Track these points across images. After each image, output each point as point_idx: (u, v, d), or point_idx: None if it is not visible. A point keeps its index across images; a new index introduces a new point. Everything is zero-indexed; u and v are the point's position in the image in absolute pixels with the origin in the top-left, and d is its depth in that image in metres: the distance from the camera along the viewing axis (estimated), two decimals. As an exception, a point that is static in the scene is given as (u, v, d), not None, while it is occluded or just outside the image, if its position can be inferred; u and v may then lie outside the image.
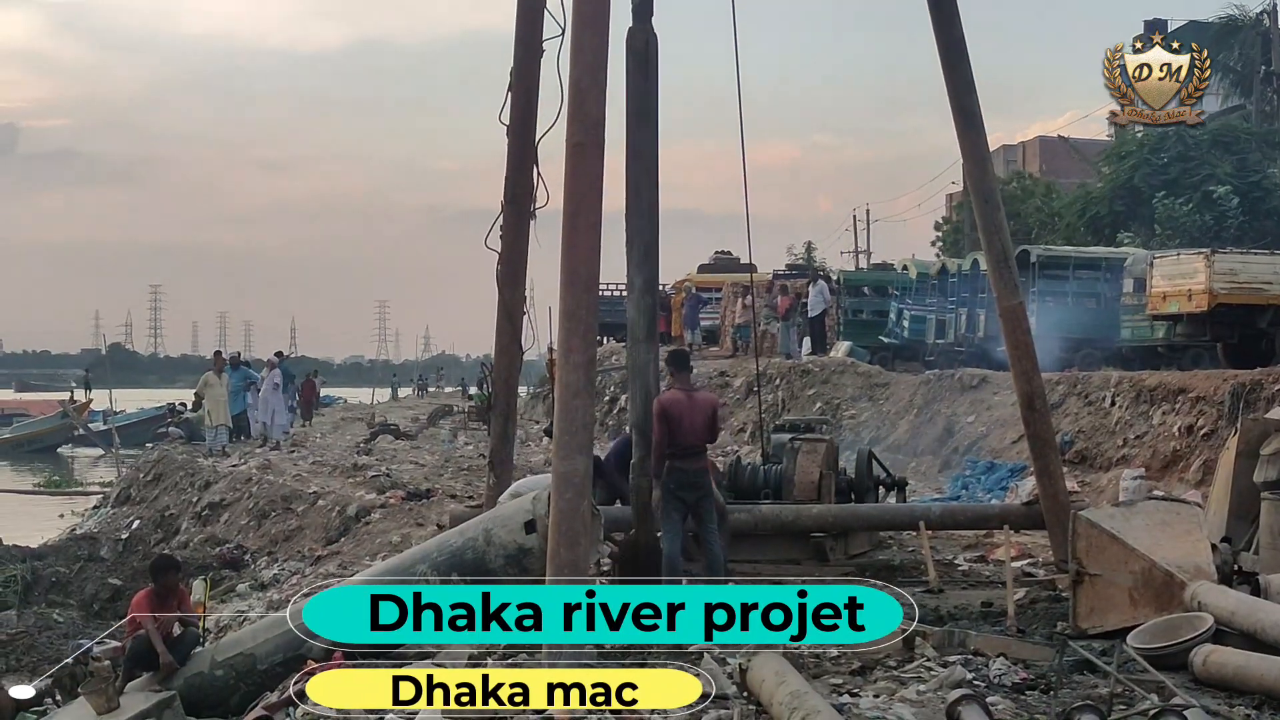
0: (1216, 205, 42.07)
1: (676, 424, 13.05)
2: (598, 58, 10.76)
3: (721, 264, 54.84)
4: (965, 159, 14.94)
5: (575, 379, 10.45)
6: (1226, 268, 27.03)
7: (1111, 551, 11.69)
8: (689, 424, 13.15)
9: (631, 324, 13.13)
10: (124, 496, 33.49)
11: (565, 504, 10.29)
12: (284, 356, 40.60)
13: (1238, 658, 9.73)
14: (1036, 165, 70.59)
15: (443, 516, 18.15)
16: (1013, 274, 14.54)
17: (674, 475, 13.04)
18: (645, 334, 13.14)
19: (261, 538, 24.75)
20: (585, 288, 10.57)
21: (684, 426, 13.10)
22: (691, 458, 13.20)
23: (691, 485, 13.19)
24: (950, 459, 26.04)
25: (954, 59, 14.20)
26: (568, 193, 10.59)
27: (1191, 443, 20.69)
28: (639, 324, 13.05)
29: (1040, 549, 16.46)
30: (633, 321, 13.10)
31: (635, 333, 13.16)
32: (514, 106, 13.94)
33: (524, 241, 14.17)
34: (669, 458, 12.99)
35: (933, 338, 37.10)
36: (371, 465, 29.16)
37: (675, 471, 13.03)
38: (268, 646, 12.47)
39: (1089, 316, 32.86)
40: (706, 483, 13.51)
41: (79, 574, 23.45)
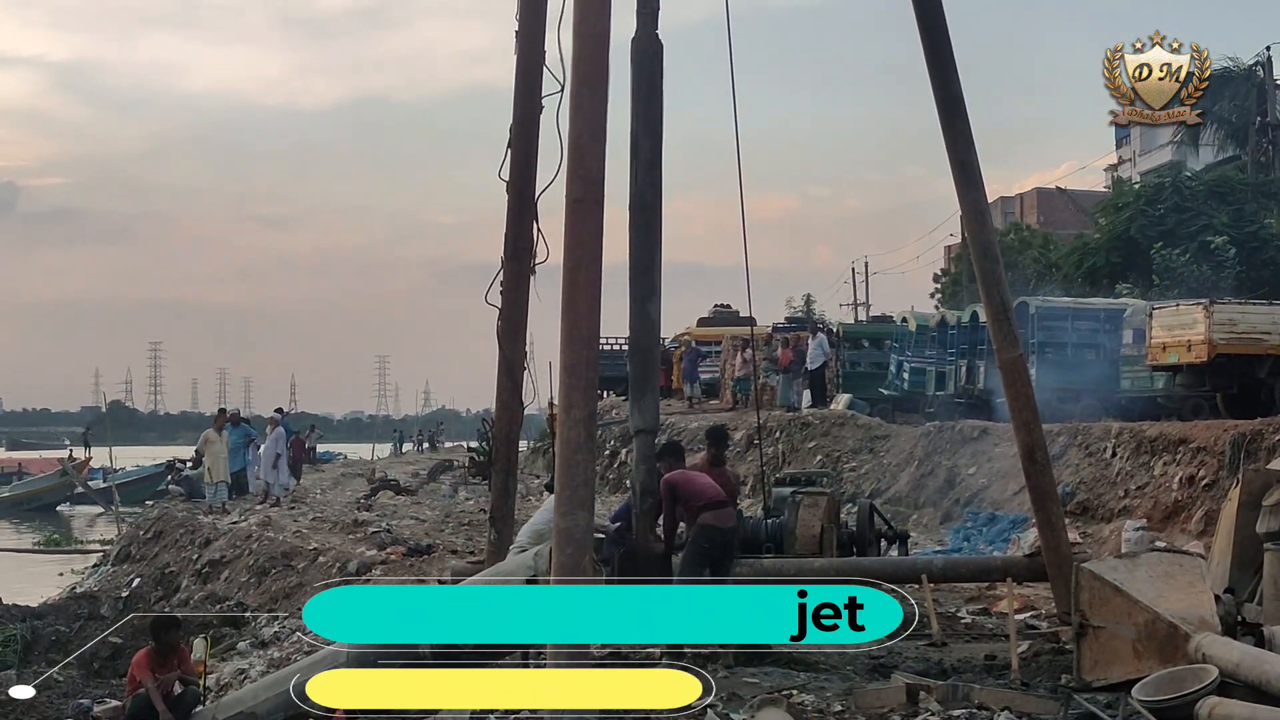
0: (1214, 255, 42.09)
1: (691, 482, 13.27)
2: (597, 114, 10.80)
3: (721, 317, 54.85)
4: (964, 213, 14.97)
5: (576, 434, 10.44)
6: (1225, 318, 27.03)
7: (1115, 603, 11.67)
8: (703, 481, 13.43)
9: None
10: (124, 554, 33.37)
11: (566, 559, 10.26)
12: (284, 413, 40.55)
13: (1243, 710, 9.70)
14: (1034, 216, 70.75)
15: (444, 572, 18.11)
16: (1012, 326, 14.54)
17: (706, 533, 13.28)
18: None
19: (262, 595, 24.66)
20: (585, 343, 10.58)
21: (700, 483, 13.33)
22: (720, 509, 13.40)
23: (724, 545, 13.50)
24: (952, 511, 26.01)
25: (952, 114, 14.24)
26: (567, 248, 10.61)
27: (1193, 493, 20.67)
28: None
29: (1043, 601, 16.42)
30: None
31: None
32: (513, 162, 13.99)
33: (524, 297, 14.20)
34: (702, 510, 13.15)
35: (933, 390, 37.10)
36: (372, 521, 29.11)
37: (709, 530, 13.21)
38: (268, 705, 12.43)
39: (1088, 368, 32.86)
40: (735, 543, 13.78)
41: (79, 633, 23.34)
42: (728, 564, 13.60)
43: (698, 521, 13.37)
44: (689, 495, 13.58)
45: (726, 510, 13.79)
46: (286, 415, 41.87)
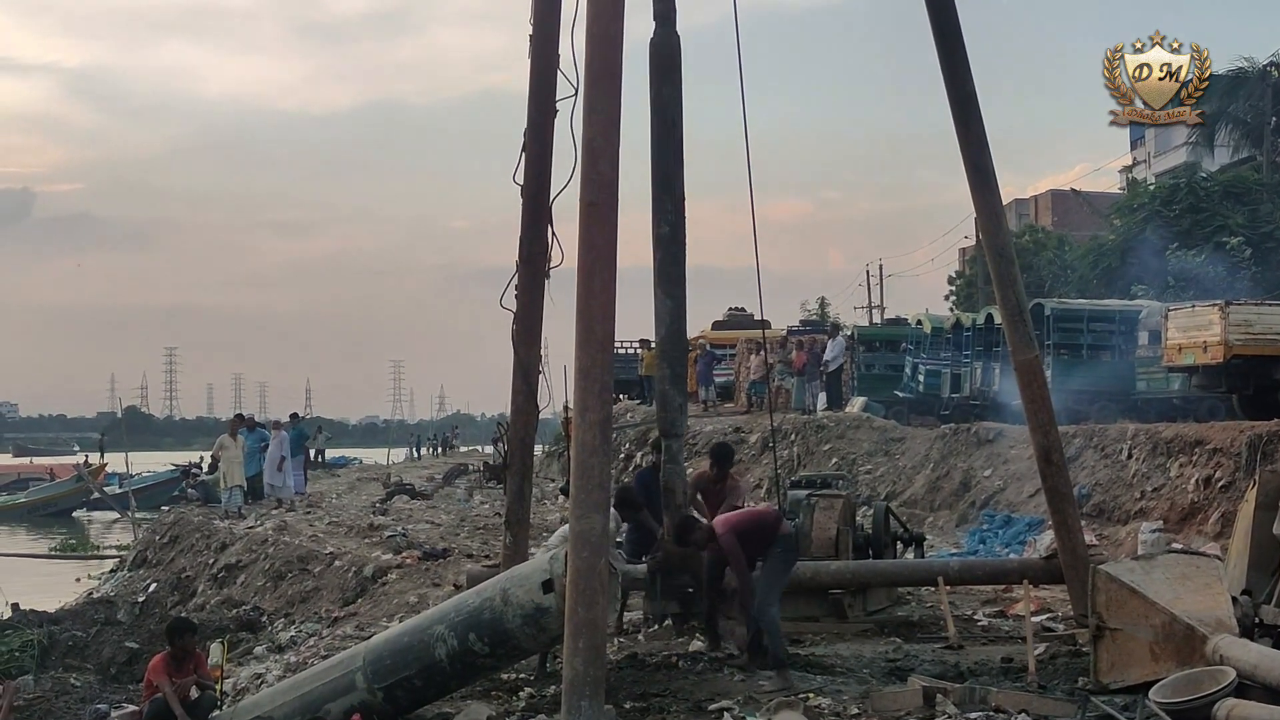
0: (1229, 256, 42.06)
1: (751, 518, 13.28)
2: (610, 117, 10.82)
3: (735, 320, 54.92)
4: (979, 215, 14.96)
5: (591, 437, 10.45)
6: (1241, 319, 26.97)
7: (1132, 605, 11.64)
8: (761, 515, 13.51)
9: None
10: (140, 559, 33.45)
11: (583, 563, 10.28)
12: (299, 418, 40.64)
13: (1262, 712, 9.66)
14: (1049, 218, 70.73)
15: (460, 576, 18.11)
16: (1028, 327, 14.51)
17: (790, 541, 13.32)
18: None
19: (278, 599, 24.68)
20: (600, 346, 10.60)
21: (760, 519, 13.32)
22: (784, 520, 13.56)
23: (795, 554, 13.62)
24: (967, 513, 25.97)
25: (966, 116, 14.23)
26: (582, 252, 10.63)
27: (1209, 495, 20.61)
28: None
29: (1060, 603, 16.38)
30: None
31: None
32: (528, 166, 14.00)
33: (539, 300, 14.20)
34: (774, 527, 13.15)
35: (948, 392, 37.08)
36: (387, 525, 29.11)
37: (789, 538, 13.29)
38: (286, 709, 12.43)
39: (1104, 369, 32.81)
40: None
41: (96, 637, 23.38)
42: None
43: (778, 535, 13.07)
44: (754, 529, 13.11)
45: (784, 521, 13.71)
46: (301, 420, 41.98)
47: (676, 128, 13.83)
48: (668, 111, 13.76)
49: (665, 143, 13.81)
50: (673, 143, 13.83)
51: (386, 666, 12.05)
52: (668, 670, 13.28)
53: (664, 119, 13.76)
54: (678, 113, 13.85)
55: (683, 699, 11.87)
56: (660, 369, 14.49)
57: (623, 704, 11.54)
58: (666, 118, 13.75)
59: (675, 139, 13.85)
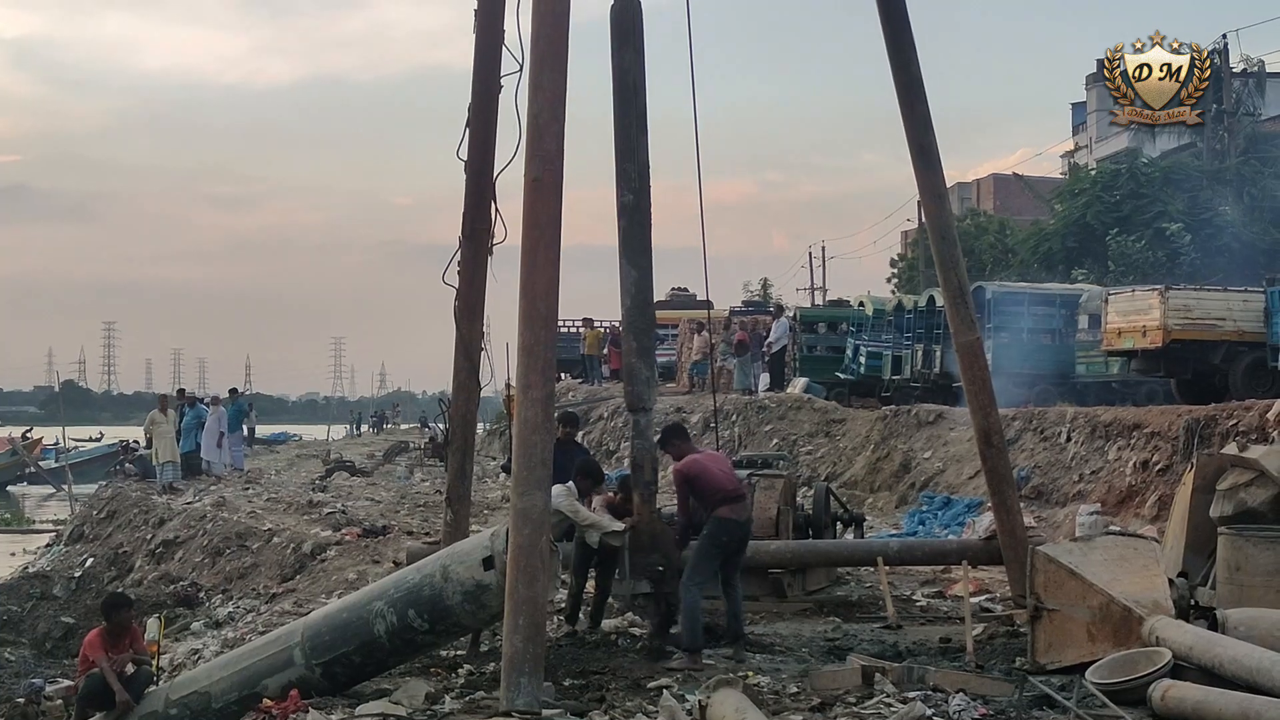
0: (1169, 242, 42.31)
1: (707, 473, 13.11)
2: (556, 93, 10.79)
3: (677, 300, 54.83)
4: (923, 196, 15.01)
5: (534, 414, 10.44)
6: (1180, 304, 27.15)
7: (1069, 586, 11.71)
8: (719, 472, 13.28)
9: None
10: (77, 534, 33.20)
11: (524, 540, 10.27)
12: (238, 394, 40.42)
13: (1196, 692, 9.75)
14: (990, 202, 70.99)
15: (399, 553, 18.06)
16: (969, 310, 14.57)
17: (724, 527, 13.05)
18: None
19: (216, 575, 24.54)
20: (544, 324, 10.58)
21: (716, 474, 13.18)
22: (738, 502, 13.27)
23: (740, 539, 13.32)
24: (907, 495, 26.10)
25: (912, 97, 14.27)
26: (526, 228, 10.60)
27: (1147, 478, 20.79)
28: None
29: (998, 584, 16.49)
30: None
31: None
32: (472, 142, 13.91)
33: (482, 277, 14.14)
34: (719, 504, 12.97)
35: (889, 374, 37.17)
36: (327, 502, 28.99)
37: (726, 523, 13.04)
38: (223, 685, 12.36)
39: (1044, 353, 32.94)
40: (748, 537, 13.66)
41: (31, 612, 23.21)
42: (739, 559, 13.42)
43: (714, 514, 12.98)
44: (706, 488, 13.15)
45: (743, 503, 13.56)
46: (241, 396, 41.74)
47: (639, 94, 13.72)
48: (629, 77, 13.66)
49: (628, 109, 13.71)
50: (635, 109, 13.72)
51: (325, 643, 11.99)
52: (607, 648, 13.28)
53: (625, 84, 13.67)
54: (640, 78, 13.73)
55: (622, 677, 11.86)
56: (627, 341, 14.35)
57: (562, 681, 11.53)
58: (628, 83, 13.66)
59: (638, 105, 13.73)
